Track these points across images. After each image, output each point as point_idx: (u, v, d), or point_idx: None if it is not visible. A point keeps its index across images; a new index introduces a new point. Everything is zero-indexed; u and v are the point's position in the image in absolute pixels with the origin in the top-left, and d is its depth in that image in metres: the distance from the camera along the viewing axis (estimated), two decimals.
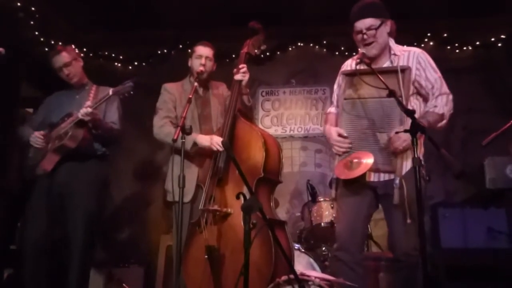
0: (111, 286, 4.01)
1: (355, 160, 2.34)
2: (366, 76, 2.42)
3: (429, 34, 4.83)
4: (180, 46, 5.05)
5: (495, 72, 4.74)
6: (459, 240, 2.98)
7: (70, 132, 3.07)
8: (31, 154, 3.23)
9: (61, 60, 3.26)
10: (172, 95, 3.20)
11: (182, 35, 4.95)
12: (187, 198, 2.90)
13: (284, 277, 2.22)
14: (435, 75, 2.45)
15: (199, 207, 2.82)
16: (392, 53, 2.51)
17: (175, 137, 2.60)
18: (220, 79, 3.38)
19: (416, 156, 2.04)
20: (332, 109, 2.75)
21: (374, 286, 3.23)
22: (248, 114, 3.11)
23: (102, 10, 4.60)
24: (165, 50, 5.16)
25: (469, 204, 3.10)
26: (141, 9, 4.63)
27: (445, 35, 4.85)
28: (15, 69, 3.89)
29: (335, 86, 2.73)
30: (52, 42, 3.58)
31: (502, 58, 4.76)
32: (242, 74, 3.01)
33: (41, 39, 4.41)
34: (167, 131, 3.06)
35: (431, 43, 4.83)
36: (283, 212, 4.56)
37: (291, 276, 2.13)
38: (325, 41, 5.06)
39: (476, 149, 3.23)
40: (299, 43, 5.13)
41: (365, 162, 2.31)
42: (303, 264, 3.22)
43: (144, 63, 5.21)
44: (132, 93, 3.05)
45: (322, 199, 3.73)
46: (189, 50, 3.32)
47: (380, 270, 3.25)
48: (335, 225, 3.31)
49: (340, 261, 2.43)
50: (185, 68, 3.30)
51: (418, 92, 2.47)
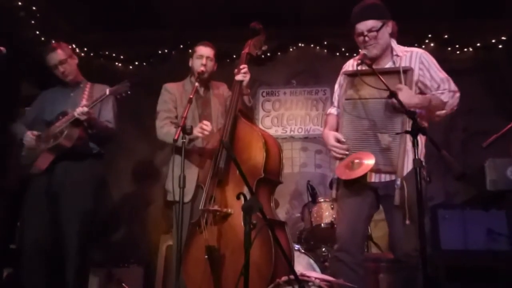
0: (111, 286, 4.01)
1: (356, 161, 2.34)
2: (367, 77, 2.42)
3: (429, 35, 4.84)
4: (181, 46, 5.05)
5: (496, 74, 4.74)
6: (459, 241, 2.98)
7: (66, 131, 3.05)
8: (25, 153, 3.20)
9: (57, 57, 3.24)
10: (172, 95, 3.20)
11: (183, 35, 4.96)
12: (187, 198, 2.90)
13: (284, 278, 2.22)
14: (440, 75, 2.45)
15: (200, 207, 2.82)
16: (394, 54, 2.51)
17: (175, 137, 2.60)
18: (220, 80, 3.38)
19: (417, 157, 2.04)
20: (332, 110, 2.74)
21: (374, 287, 3.23)
22: (249, 114, 3.11)
23: (103, 10, 4.60)
24: (166, 50, 5.17)
25: (469, 205, 3.10)
26: (141, 9, 4.63)
27: (446, 36, 4.85)
28: (15, 68, 3.89)
29: (336, 86, 2.73)
30: (53, 41, 3.59)
31: (503, 59, 4.76)
32: (243, 74, 3.01)
33: (42, 38, 4.41)
34: (166, 130, 3.07)
35: (432, 44, 4.83)
36: (283, 213, 4.56)
37: (291, 276, 2.12)
38: (325, 42, 5.06)
39: (477, 150, 3.23)
40: (299, 44, 5.14)
41: (366, 163, 2.31)
42: (303, 265, 3.22)
43: (144, 63, 5.22)
44: (130, 93, 3.04)
45: (322, 200, 3.73)
46: (190, 50, 3.32)
47: (380, 271, 3.25)
48: (335, 226, 3.32)
49: (341, 262, 2.42)
50: (185, 68, 3.30)
51: (421, 92, 2.47)
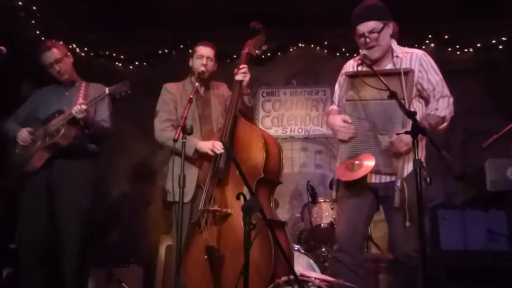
0: (111, 286, 4.01)
1: (356, 162, 2.33)
2: (368, 78, 2.41)
3: (430, 36, 4.84)
4: (181, 46, 5.05)
5: (496, 74, 4.74)
6: (459, 242, 2.98)
7: (63, 130, 3.03)
8: (18, 151, 3.18)
9: (52, 56, 3.22)
10: (172, 95, 3.20)
11: (183, 35, 4.96)
12: (187, 198, 2.89)
13: (283, 278, 2.22)
14: (436, 77, 2.45)
15: (199, 208, 2.82)
16: (395, 55, 2.50)
17: (175, 137, 2.59)
18: (221, 80, 3.37)
19: (417, 158, 2.04)
20: (333, 107, 2.75)
21: (374, 287, 3.23)
22: (249, 114, 3.11)
23: (103, 10, 4.60)
24: (166, 50, 5.17)
25: (469, 206, 3.10)
26: (141, 9, 4.63)
27: (446, 37, 4.86)
28: (15, 68, 3.89)
29: (336, 86, 2.73)
30: (48, 40, 3.61)
31: (503, 60, 4.76)
32: (242, 74, 3.00)
33: (42, 38, 4.41)
34: (169, 135, 3.02)
35: (432, 45, 4.84)
36: (283, 213, 4.56)
37: (291, 277, 2.12)
38: (326, 42, 5.06)
39: (477, 151, 3.23)
40: (300, 44, 5.14)
41: (366, 164, 2.30)
42: (303, 265, 3.22)
43: (145, 63, 5.22)
44: (130, 92, 3.03)
45: (322, 200, 3.73)
46: (190, 50, 3.31)
47: (380, 272, 3.25)
48: (335, 226, 3.32)
49: (340, 262, 2.42)
50: (185, 68, 3.30)
51: (420, 94, 2.47)
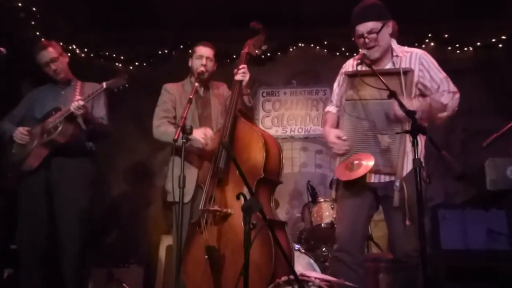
0: (111, 286, 4.01)
1: (355, 162, 2.33)
2: (368, 77, 2.41)
3: (430, 35, 4.83)
4: (181, 46, 5.05)
5: (496, 73, 4.74)
6: (460, 241, 2.98)
7: (60, 126, 3.02)
8: (15, 150, 3.17)
9: (48, 55, 3.22)
10: (172, 95, 3.20)
11: (183, 35, 4.95)
12: (186, 198, 2.89)
13: (284, 278, 2.22)
14: (440, 75, 2.44)
15: (199, 208, 2.81)
16: (394, 54, 2.50)
17: (175, 137, 2.60)
18: (220, 80, 3.37)
19: (417, 158, 2.04)
20: (331, 108, 2.74)
21: (374, 287, 3.23)
22: (249, 114, 3.10)
23: (103, 10, 4.60)
24: (166, 51, 5.16)
25: (469, 205, 3.09)
26: (141, 9, 4.63)
27: (446, 36, 4.85)
28: (16, 69, 3.89)
29: (335, 85, 2.73)
30: (49, 40, 3.62)
31: (503, 59, 4.76)
32: (242, 74, 3.00)
33: (42, 39, 4.40)
34: (163, 129, 3.06)
35: (432, 44, 4.83)
36: (283, 213, 4.56)
37: (291, 276, 2.12)
38: (325, 42, 5.06)
39: (477, 150, 3.23)
40: (299, 44, 5.13)
41: (366, 164, 2.30)
42: (303, 265, 3.22)
43: (144, 63, 5.22)
44: (127, 86, 3.03)
45: (322, 200, 3.73)
46: (190, 51, 3.31)
47: (380, 271, 3.25)
48: (335, 226, 3.31)
49: (341, 262, 2.43)
50: (185, 68, 3.30)
51: (422, 93, 2.46)
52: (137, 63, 5.22)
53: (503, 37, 4.76)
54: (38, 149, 3.09)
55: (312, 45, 5.12)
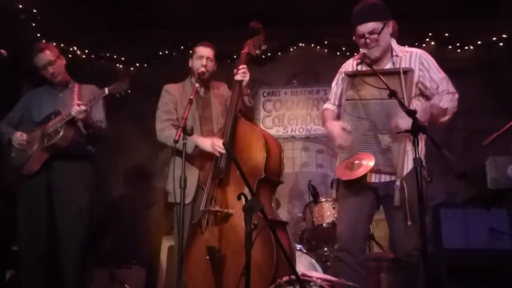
0: (113, 287, 4.01)
1: (356, 161, 2.34)
2: (368, 77, 2.41)
3: (430, 34, 4.83)
4: (182, 47, 5.05)
5: (497, 72, 4.73)
6: (461, 240, 2.98)
7: (62, 131, 3.03)
8: (14, 154, 3.17)
9: (45, 58, 3.21)
10: (172, 96, 3.20)
11: (183, 36, 4.95)
12: (187, 199, 2.90)
13: (285, 278, 2.22)
14: (439, 75, 2.44)
15: (200, 208, 2.82)
16: (394, 54, 2.50)
17: (176, 138, 2.59)
18: (221, 80, 3.37)
19: (418, 157, 2.04)
20: (328, 106, 2.73)
21: (375, 286, 3.23)
22: (249, 114, 3.11)
23: (104, 11, 4.61)
24: (166, 51, 5.16)
25: (470, 204, 3.10)
26: (142, 10, 4.63)
27: (447, 35, 4.84)
28: (16, 71, 3.90)
29: (333, 83, 2.73)
30: (54, 43, 3.61)
31: (504, 58, 4.75)
32: (242, 74, 3.00)
33: (43, 40, 4.41)
34: (168, 134, 3.05)
35: (433, 43, 4.83)
36: (285, 213, 4.56)
37: (293, 276, 2.12)
38: (326, 42, 5.05)
39: (478, 149, 3.22)
40: (300, 44, 5.13)
41: (366, 163, 2.30)
42: (305, 265, 3.21)
43: (145, 64, 5.21)
44: (129, 91, 3.03)
45: (323, 199, 3.72)
46: (190, 51, 3.32)
47: (381, 271, 3.25)
48: (337, 225, 3.32)
49: (342, 262, 2.43)
50: (186, 69, 3.30)
51: (421, 93, 2.46)
52: (137, 64, 5.22)
53: (504, 36, 4.75)
54: (38, 153, 3.09)
55: (312, 45, 5.12)
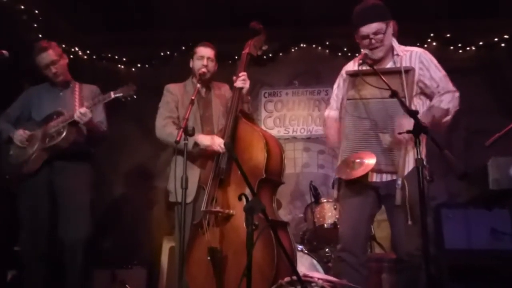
0: (114, 287, 4.01)
1: (357, 161, 2.33)
2: (369, 77, 2.41)
3: (432, 35, 4.82)
4: (183, 47, 5.05)
5: (498, 72, 4.72)
6: (463, 241, 2.98)
7: (64, 132, 3.03)
8: (13, 152, 3.15)
9: (48, 57, 3.20)
10: (174, 96, 3.20)
11: (184, 37, 4.95)
12: (189, 198, 2.88)
13: (287, 279, 2.21)
14: (439, 73, 2.44)
15: (202, 209, 2.81)
16: (395, 53, 2.50)
17: (178, 139, 2.59)
18: (222, 80, 3.37)
19: (419, 157, 2.04)
20: (331, 113, 2.70)
21: (377, 287, 3.22)
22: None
23: (105, 12, 4.62)
24: (168, 52, 5.17)
25: (472, 205, 3.09)
26: (143, 10, 4.64)
27: (448, 35, 4.84)
28: (18, 71, 3.90)
29: (335, 86, 2.72)
30: (48, 42, 3.64)
31: (505, 58, 4.74)
32: (242, 81, 2.99)
33: (41, 41, 4.41)
34: (169, 131, 3.06)
35: (434, 44, 4.82)
36: (286, 213, 4.56)
37: (294, 277, 2.12)
38: (327, 42, 5.05)
39: (479, 149, 3.21)
40: (301, 44, 5.13)
41: (367, 162, 2.30)
42: (306, 266, 3.21)
43: (146, 65, 5.23)
44: (135, 97, 3.05)
45: (325, 200, 3.72)
46: (191, 52, 3.32)
47: (383, 271, 3.25)
48: (338, 226, 3.31)
49: (344, 262, 2.42)
50: (187, 69, 3.30)
51: (422, 92, 2.46)
52: (139, 65, 5.23)
53: (505, 36, 4.74)
54: (38, 153, 3.09)
55: (313, 46, 5.12)
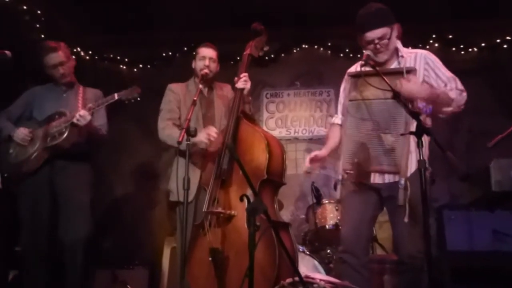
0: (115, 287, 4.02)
1: None
2: (371, 78, 2.41)
3: (434, 36, 4.83)
4: (185, 48, 5.06)
5: (500, 74, 4.72)
6: (465, 242, 2.97)
7: (66, 132, 3.03)
8: (12, 151, 3.13)
9: (58, 58, 3.21)
10: (176, 95, 3.21)
11: (186, 38, 4.96)
12: (189, 197, 2.88)
13: (288, 280, 2.21)
14: (447, 74, 2.43)
15: (203, 210, 2.81)
16: (400, 55, 2.50)
17: (180, 139, 2.60)
18: (224, 81, 3.38)
19: (421, 158, 2.03)
20: (336, 120, 2.72)
21: None
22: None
23: (107, 13, 4.62)
24: (170, 53, 5.17)
25: (474, 206, 3.08)
26: (145, 11, 4.64)
27: (450, 36, 4.84)
28: (21, 72, 3.90)
29: (341, 90, 2.72)
30: (57, 42, 3.65)
31: (507, 59, 4.74)
32: (243, 82, 2.99)
33: (50, 40, 4.43)
34: (169, 132, 3.06)
35: (436, 45, 4.82)
36: (288, 214, 4.56)
37: (296, 278, 2.12)
38: (329, 43, 5.05)
39: (481, 151, 3.22)
40: (303, 45, 5.13)
41: None
42: (308, 267, 3.21)
43: (149, 66, 5.23)
44: (139, 99, 3.05)
45: (326, 201, 3.72)
46: (193, 52, 3.32)
47: (384, 273, 3.24)
48: (340, 227, 3.31)
49: (346, 264, 2.42)
50: (189, 70, 3.30)
51: None
52: (141, 65, 5.24)
53: (507, 37, 4.74)
54: (39, 152, 3.08)
55: (315, 47, 5.12)
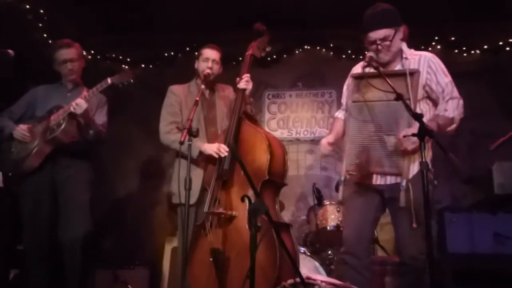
0: None
1: None
2: (374, 79, 2.40)
3: (436, 38, 4.81)
4: (187, 48, 5.06)
5: (503, 76, 4.70)
6: (466, 245, 2.96)
7: (64, 124, 3.01)
8: (14, 149, 3.12)
9: (70, 54, 3.22)
10: (177, 97, 3.20)
11: (188, 38, 4.96)
12: (192, 199, 2.88)
13: (289, 281, 2.21)
14: (446, 79, 2.43)
15: (204, 210, 2.81)
16: (404, 56, 2.49)
17: (182, 140, 2.59)
18: (225, 82, 3.37)
19: (424, 160, 2.03)
20: (339, 115, 2.74)
21: None
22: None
23: (109, 13, 4.63)
24: (172, 53, 5.18)
25: (476, 209, 3.08)
26: (147, 11, 4.65)
27: (453, 38, 4.83)
28: (23, 71, 3.91)
29: (344, 87, 2.72)
30: (72, 41, 3.68)
31: (510, 61, 4.72)
32: (245, 82, 2.99)
33: (50, 41, 4.44)
34: (174, 138, 3.06)
35: (439, 47, 4.81)
36: (289, 215, 4.55)
37: (297, 279, 2.11)
38: (331, 44, 5.05)
39: (484, 153, 3.21)
40: (305, 46, 5.12)
41: None
42: (309, 268, 3.20)
43: (150, 66, 5.23)
44: (132, 81, 3.03)
45: (328, 202, 3.72)
46: (196, 53, 3.32)
47: (386, 274, 3.24)
48: (341, 228, 3.30)
49: (347, 265, 2.42)
50: (191, 70, 3.30)
51: (428, 96, 2.45)
52: (142, 65, 5.24)
53: (510, 40, 4.73)
54: (40, 147, 3.05)
55: (317, 48, 5.11)
